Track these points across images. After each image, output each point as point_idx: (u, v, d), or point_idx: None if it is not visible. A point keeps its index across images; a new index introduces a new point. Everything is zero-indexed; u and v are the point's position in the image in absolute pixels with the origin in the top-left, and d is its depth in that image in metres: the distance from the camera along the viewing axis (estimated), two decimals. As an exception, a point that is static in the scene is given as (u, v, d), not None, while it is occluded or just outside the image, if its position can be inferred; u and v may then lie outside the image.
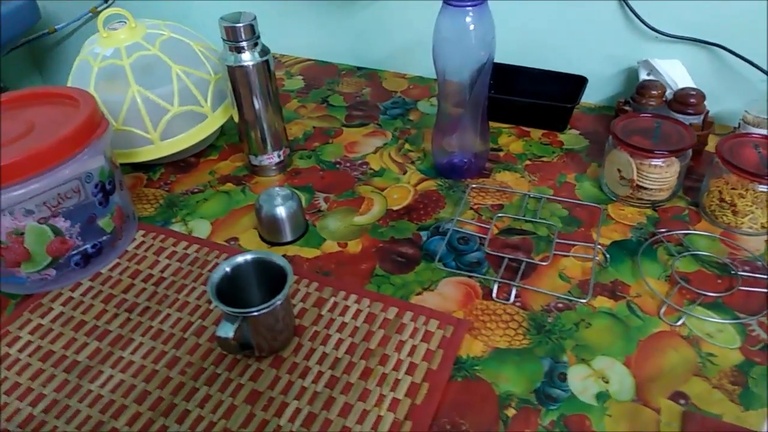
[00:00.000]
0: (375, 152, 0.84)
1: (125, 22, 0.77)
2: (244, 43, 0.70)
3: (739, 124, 0.76)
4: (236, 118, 0.77)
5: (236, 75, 0.72)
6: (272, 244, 0.69)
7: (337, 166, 0.81)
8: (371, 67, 1.07)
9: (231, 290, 0.53)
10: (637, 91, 0.79)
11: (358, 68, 1.07)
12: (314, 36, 1.09)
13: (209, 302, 0.61)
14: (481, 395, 0.51)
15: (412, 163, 0.81)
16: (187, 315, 0.60)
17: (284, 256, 0.62)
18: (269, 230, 0.68)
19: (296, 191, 0.72)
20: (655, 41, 0.84)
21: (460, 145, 0.75)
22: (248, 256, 0.55)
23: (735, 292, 0.59)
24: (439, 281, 0.62)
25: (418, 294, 0.61)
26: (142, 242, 0.69)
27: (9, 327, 0.60)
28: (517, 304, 0.59)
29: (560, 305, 0.58)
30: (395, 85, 1.01)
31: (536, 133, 0.85)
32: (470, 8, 0.63)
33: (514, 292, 0.59)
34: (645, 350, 0.54)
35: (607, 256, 0.63)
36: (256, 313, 0.50)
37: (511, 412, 0.49)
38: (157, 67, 0.76)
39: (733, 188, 0.65)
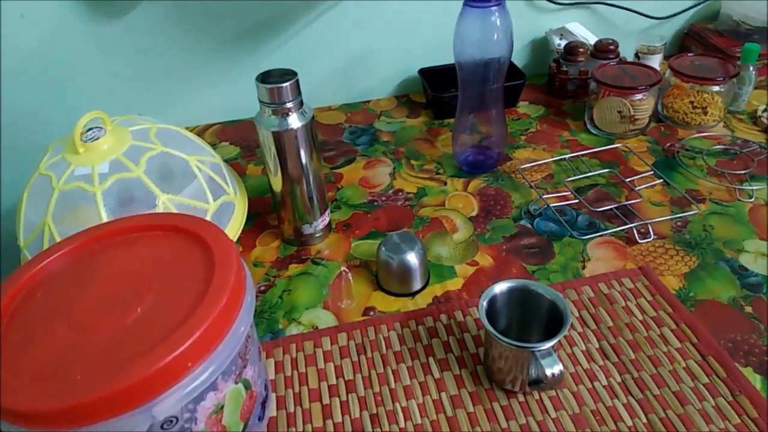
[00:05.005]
0: (395, 179, 0.82)
1: (102, 128, 0.60)
2: (290, 104, 0.61)
3: (638, 56, 0.96)
4: (277, 188, 0.67)
5: (283, 141, 0.63)
6: (402, 295, 0.63)
7: (376, 203, 0.77)
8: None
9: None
10: (567, 52, 0.94)
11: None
12: (221, 98, 0.98)
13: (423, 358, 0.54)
14: (721, 307, 0.58)
15: (437, 174, 0.82)
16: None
17: (437, 297, 0.60)
18: (401, 281, 0.63)
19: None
20: (549, 12, 1.00)
21: (490, 138, 0.79)
22: (505, 285, 0.52)
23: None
24: (584, 250, 0.66)
25: (584, 267, 0.64)
26: (279, 361, 0.57)
27: None
28: (656, 237, 0.67)
29: (679, 223, 0.69)
30: (334, 119, 0.98)
31: (500, 114, 0.94)
32: (495, 8, 0.68)
33: (650, 228, 0.67)
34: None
35: (662, 177, 0.76)
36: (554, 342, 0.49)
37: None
38: (172, 163, 0.62)
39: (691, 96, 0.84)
